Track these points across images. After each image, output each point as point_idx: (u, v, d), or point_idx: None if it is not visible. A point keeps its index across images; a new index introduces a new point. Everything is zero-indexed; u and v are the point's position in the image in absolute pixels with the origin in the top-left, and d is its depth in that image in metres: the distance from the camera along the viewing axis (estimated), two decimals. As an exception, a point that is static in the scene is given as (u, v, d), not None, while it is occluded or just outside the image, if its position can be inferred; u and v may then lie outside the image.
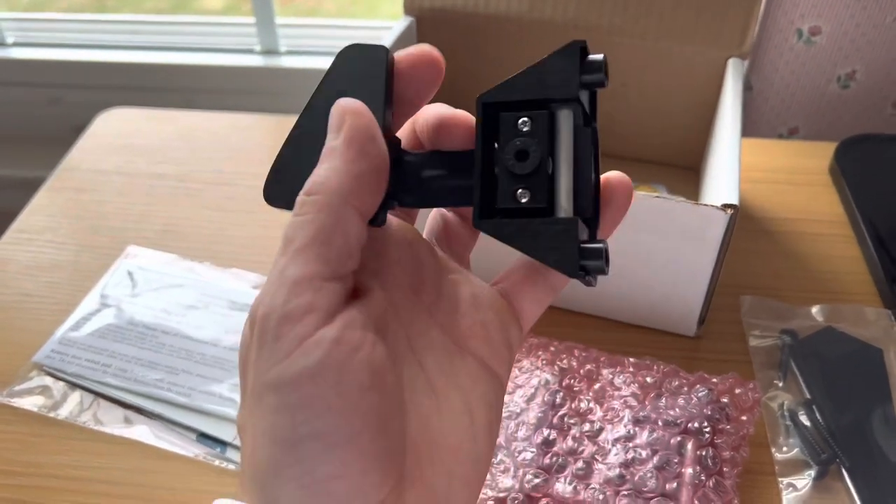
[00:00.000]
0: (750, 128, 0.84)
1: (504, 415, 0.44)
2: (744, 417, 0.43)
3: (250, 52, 0.94)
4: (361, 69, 0.24)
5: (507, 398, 0.45)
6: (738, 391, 0.44)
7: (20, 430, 0.47)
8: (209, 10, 1.27)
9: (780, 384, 0.48)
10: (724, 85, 0.56)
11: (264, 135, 0.73)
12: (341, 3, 1.26)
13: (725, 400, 0.44)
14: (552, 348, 0.48)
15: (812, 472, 0.44)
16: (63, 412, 0.48)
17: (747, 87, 0.81)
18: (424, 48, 0.26)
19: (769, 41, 0.77)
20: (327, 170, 0.23)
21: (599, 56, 0.23)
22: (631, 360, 0.47)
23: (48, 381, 0.50)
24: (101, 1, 1.26)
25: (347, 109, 0.23)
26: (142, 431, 0.47)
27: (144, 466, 0.45)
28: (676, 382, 0.44)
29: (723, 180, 0.47)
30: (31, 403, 0.48)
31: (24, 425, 0.47)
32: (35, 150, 0.98)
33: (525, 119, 0.23)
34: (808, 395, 0.48)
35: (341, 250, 0.22)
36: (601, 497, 0.40)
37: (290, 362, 0.21)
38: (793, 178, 0.65)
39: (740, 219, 0.61)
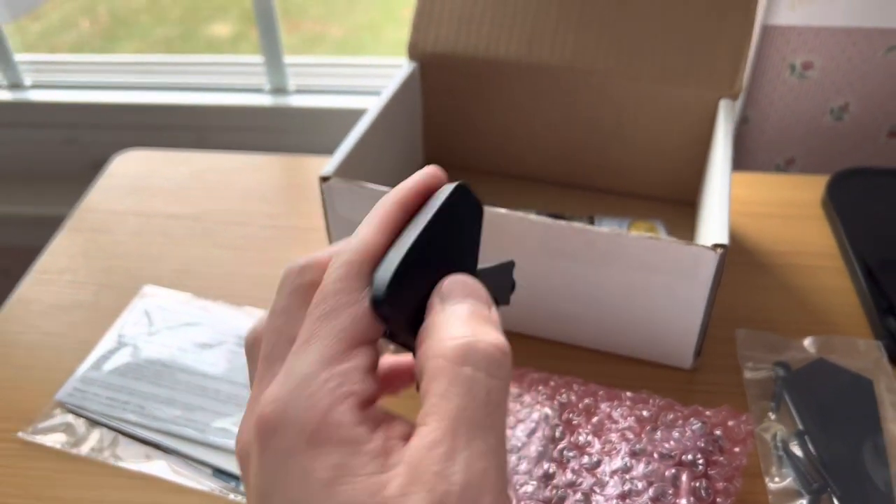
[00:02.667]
0: (747, 159, 0.86)
1: (506, 447, 0.46)
2: (737, 449, 0.45)
3: (260, 91, 0.97)
4: (467, 218, 0.28)
5: (508, 432, 0.47)
6: (730, 423, 0.46)
7: (45, 466, 0.49)
8: (216, 38, 1.31)
9: (774, 415, 0.50)
10: (716, 125, 0.58)
11: (276, 175, 0.76)
12: (347, 29, 1.30)
13: (719, 432, 0.45)
14: (552, 383, 0.50)
15: (804, 502, 0.45)
16: (84, 449, 0.50)
17: (744, 121, 0.83)
18: (433, 173, 0.28)
19: (763, 76, 0.79)
20: (505, 341, 0.24)
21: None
22: (628, 393, 0.49)
23: (70, 418, 0.52)
24: (110, 32, 1.29)
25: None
26: (160, 467, 0.49)
27: (163, 500, 0.47)
28: (671, 416, 0.46)
29: (714, 220, 0.49)
30: (54, 440, 0.50)
31: (48, 461, 0.49)
32: (53, 188, 1.01)
33: None
34: (800, 426, 0.49)
35: None
36: None
37: None
38: (786, 211, 0.67)
39: (735, 252, 0.63)
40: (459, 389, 0.21)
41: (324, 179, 0.53)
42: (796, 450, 0.48)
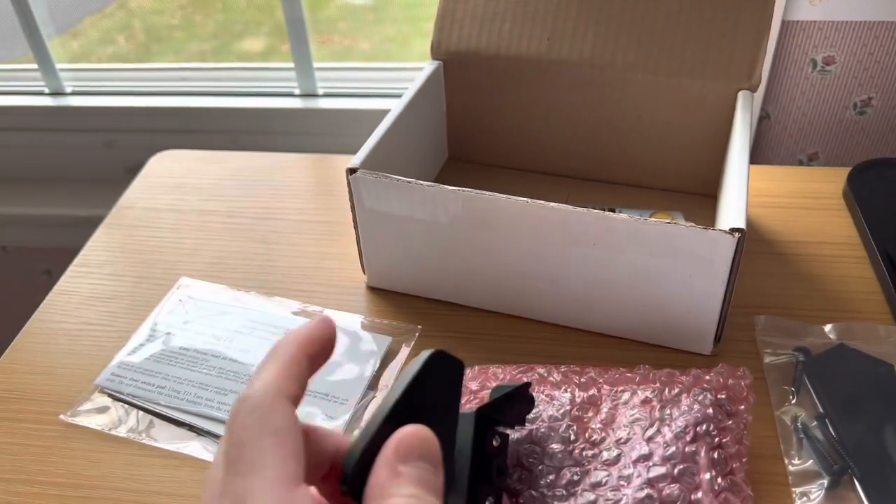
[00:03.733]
0: (769, 155, 0.86)
1: (525, 464, 0.45)
2: (741, 407, 0.45)
3: (290, 95, 1.00)
4: (445, 378, 0.30)
5: (518, 436, 0.46)
6: (731, 382, 0.46)
7: (85, 448, 0.51)
8: (248, 53, 1.34)
9: (794, 399, 0.51)
10: (735, 117, 0.59)
11: (305, 173, 0.78)
12: (375, 42, 1.32)
13: (723, 396, 0.46)
14: (551, 379, 0.49)
15: (825, 483, 0.46)
16: (122, 430, 0.52)
17: (765, 117, 0.83)
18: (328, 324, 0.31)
19: (784, 72, 0.80)
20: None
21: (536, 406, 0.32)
22: (628, 374, 0.48)
23: (108, 402, 0.54)
24: (146, 48, 1.33)
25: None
26: (194, 447, 0.51)
27: (197, 478, 0.49)
28: (676, 389, 0.46)
29: (731, 206, 0.50)
30: (93, 423, 0.53)
31: (87, 443, 0.51)
32: (93, 190, 1.05)
33: (498, 437, 0.32)
34: (820, 410, 0.50)
35: None
36: None
37: None
38: (807, 202, 0.67)
39: (756, 242, 0.63)
40: None
41: (351, 171, 0.55)
42: (817, 433, 0.48)
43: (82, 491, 0.48)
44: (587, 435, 0.46)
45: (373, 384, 0.54)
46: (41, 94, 1.05)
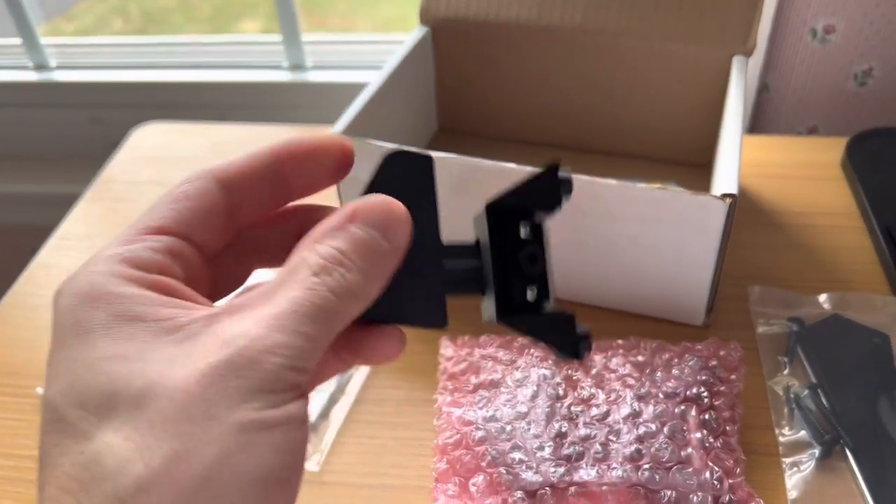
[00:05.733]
0: (769, 127, 0.84)
1: (512, 416, 0.45)
2: (733, 376, 0.46)
3: (278, 68, 0.98)
4: (412, 179, 0.27)
5: (510, 398, 0.46)
6: (722, 353, 0.47)
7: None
8: (247, 34, 1.32)
9: (786, 370, 0.49)
10: (729, 83, 0.57)
11: (290, 144, 0.76)
12: (375, 22, 1.30)
13: (714, 363, 0.46)
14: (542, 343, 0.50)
15: (816, 453, 0.45)
16: (101, 404, 0.51)
17: (764, 88, 0.81)
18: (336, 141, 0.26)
19: (783, 41, 0.78)
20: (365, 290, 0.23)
21: (569, 174, 0.27)
22: (619, 341, 0.49)
23: (87, 375, 0.53)
24: (142, 30, 1.32)
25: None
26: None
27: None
28: (666, 355, 0.46)
29: (724, 172, 0.48)
30: (71, 396, 0.51)
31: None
32: (79, 166, 1.03)
33: (527, 227, 0.27)
34: (813, 380, 0.48)
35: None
36: (624, 475, 0.41)
37: None
38: (805, 172, 0.66)
39: (752, 212, 0.62)
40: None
41: (333, 138, 0.53)
42: (809, 403, 0.47)
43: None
44: (577, 392, 0.46)
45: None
46: (25, 68, 1.03)
